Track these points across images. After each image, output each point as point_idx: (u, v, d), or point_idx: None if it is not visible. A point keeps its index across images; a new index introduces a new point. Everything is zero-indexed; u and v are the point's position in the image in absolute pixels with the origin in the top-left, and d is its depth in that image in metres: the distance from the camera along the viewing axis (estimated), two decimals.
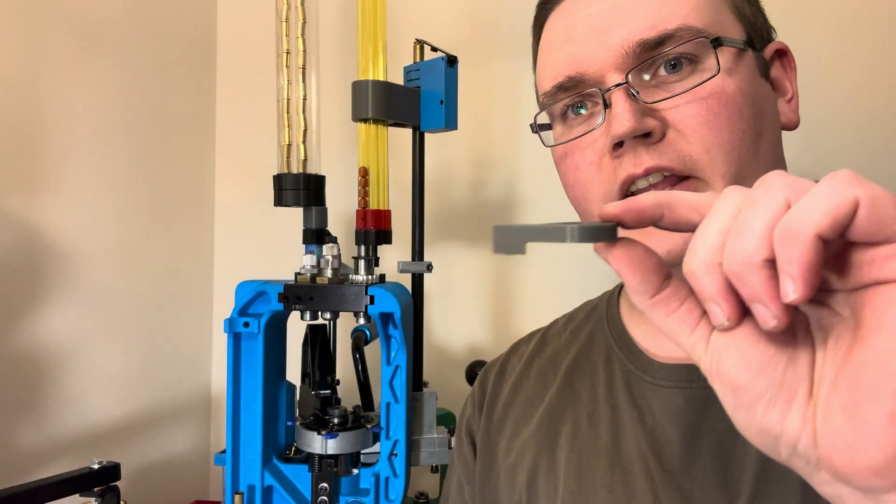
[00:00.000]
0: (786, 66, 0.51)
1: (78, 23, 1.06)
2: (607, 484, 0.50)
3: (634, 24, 0.46)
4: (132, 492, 1.08)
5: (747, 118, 0.45)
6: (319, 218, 0.88)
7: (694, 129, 0.44)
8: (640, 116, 0.44)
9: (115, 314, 1.12)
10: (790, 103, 0.51)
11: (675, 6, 0.46)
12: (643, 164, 0.45)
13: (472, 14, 1.21)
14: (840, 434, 0.25)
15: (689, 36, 0.45)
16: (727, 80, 0.45)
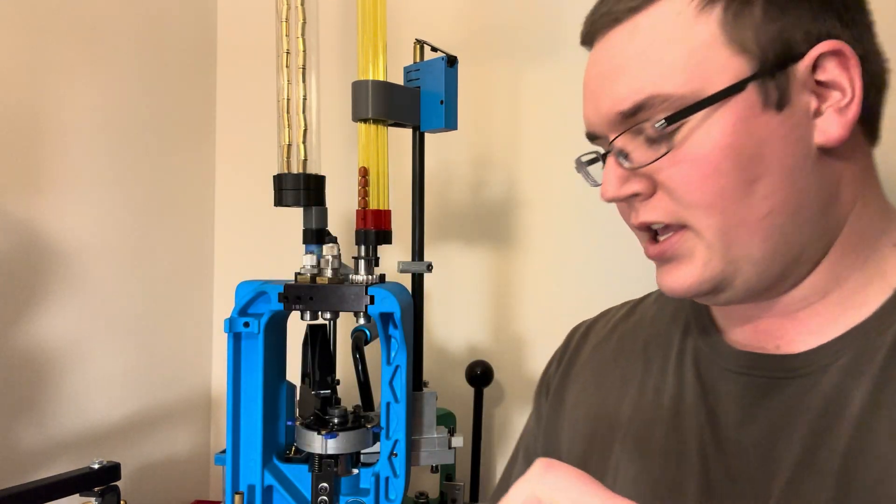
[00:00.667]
0: (844, 66, 0.47)
1: (78, 23, 1.06)
2: (662, 449, 0.54)
3: (614, 95, 0.49)
4: (132, 492, 1.08)
5: (726, 173, 0.46)
6: (319, 218, 0.88)
7: (673, 189, 0.48)
8: (621, 184, 0.49)
9: (115, 314, 1.12)
10: (843, 112, 0.47)
11: (647, 73, 0.47)
12: (638, 218, 0.50)
13: (472, 14, 1.21)
14: None
15: (660, 103, 0.47)
16: (701, 137, 0.46)
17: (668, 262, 0.50)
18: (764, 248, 0.47)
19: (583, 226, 1.16)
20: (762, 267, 0.48)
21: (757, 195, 0.46)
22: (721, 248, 0.47)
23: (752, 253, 0.47)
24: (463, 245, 1.23)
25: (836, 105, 0.47)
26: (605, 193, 0.50)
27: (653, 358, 0.60)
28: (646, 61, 0.47)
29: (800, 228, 0.48)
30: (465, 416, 1.14)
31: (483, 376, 1.11)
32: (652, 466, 0.54)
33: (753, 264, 0.47)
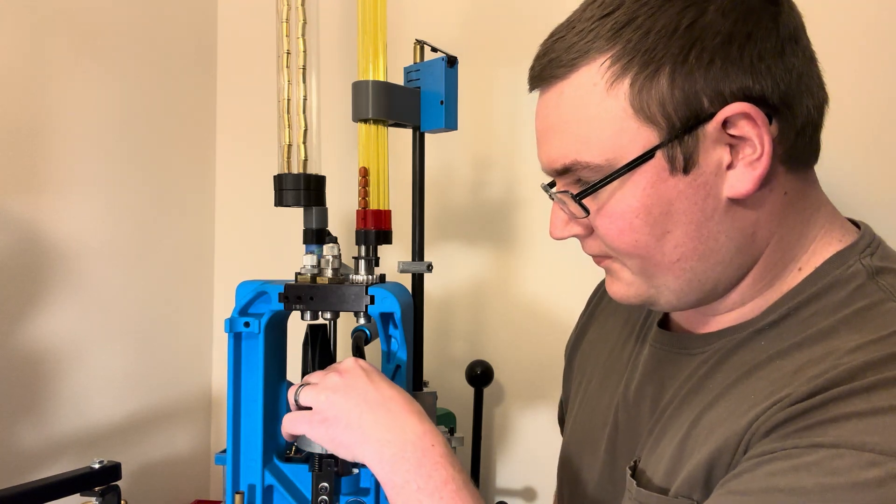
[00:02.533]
0: (755, 124, 0.49)
1: (79, 24, 1.06)
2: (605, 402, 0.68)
3: (548, 153, 0.56)
4: (133, 491, 1.08)
5: (638, 229, 0.52)
6: (320, 218, 0.88)
7: (602, 236, 0.56)
8: (563, 226, 0.59)
9: (115, 314, 1.12)
10: (752, 165, 0.50)
11: (568, 144, 0.54)
12: (587, 249, 0.60)
13: (472, 14, 1.21)
14: None
15: (582, 168, 0.53)
16: (618, 199, 0.52)
17: (608, 274, 0.60)
18: (678, 283, 0.55)
19: None
20: (679, 295, 0.56)
21: (668, 245, 0.53)
22: (642, 279, 0.56)
23: (668, 285, 0.55)
24: (463, 245, 1.23)
25: (748, 159, 0.50)
26: (552, 234, 0.59)
27: (630, 319, 0.72)
28: (569, 131, 0.54)
29: (712, 268, 0.54)
30: (465, 416, 1.14)
31: (483, 376, 1.11)
32: (593, 415, 0.70)
33: (671, 292, 0.55)
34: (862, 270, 0.52)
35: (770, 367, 0.51)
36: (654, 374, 0.62)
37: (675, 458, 0.53)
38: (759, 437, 0.47)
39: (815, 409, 0.44)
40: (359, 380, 0.65)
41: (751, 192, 0.51)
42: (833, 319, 0.50)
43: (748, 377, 0.52)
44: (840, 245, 0.54)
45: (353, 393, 0.64)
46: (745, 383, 0.52)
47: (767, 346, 0.53)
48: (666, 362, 0.62)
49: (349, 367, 0.68)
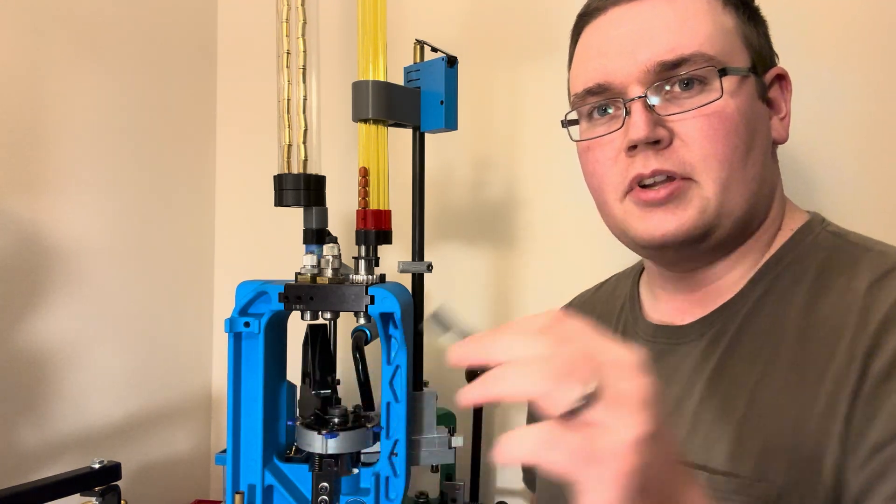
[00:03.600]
0: (783, 89, 0.61)
1: (78, 23, 1.06)
2: None
3: (657, 46, 0.56)
4: (133, 491, 1.08)
5: (741, 134, 0.55)
6: (320, 218, 0.88)
7: (696, 139, 0.54)
8: (653, 126, 0.55)
9: (115, 314, 1.12)
10: (783, 121, 0.61)
11: (692, 35, 0.55)
12: (651, 166, 0.56)
13: (472, 14, 1.21)
14: None
15: (702, 62, 0.55)
16: (728, 102, 0.55)
17: (664, 205, 0.56)
18: (744, 206, 0.56)
19: (583, 225, 1.16)
20: (736, 223, 0.56)
21: (750, 161, 0.56)
22: (716, 201, 0.55)
23: (734, 210, 0.56)
24: (463, 245, 1.23)
25: (777, 117, 0.61)
26: (639, 132, 0.54)
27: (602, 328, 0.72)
28: (689, 27, 0.55)
29: (761, 197, 0.58)
30: (465, 416, 1.14)
31: None
32: None
33: (733, 220, 0.56)
34: (833, 237, 0.59)
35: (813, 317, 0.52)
36: (654, 370, 0.62)
37: (737, 440, 0.52)
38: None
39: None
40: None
41: (785, 140, 0.60)
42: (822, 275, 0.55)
43: (788, 338, 0.53)
44: (801, 214, 0.62)
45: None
46: (792, 344, 0.52)
47: (778, 307, 0.55)
48: (666, 355, 0.62)
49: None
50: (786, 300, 0.55)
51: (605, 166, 0.60)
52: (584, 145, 0.63)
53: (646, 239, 0.57)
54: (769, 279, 0.58)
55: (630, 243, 0.62)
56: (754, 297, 0.58)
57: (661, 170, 0.55)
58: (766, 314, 0.56)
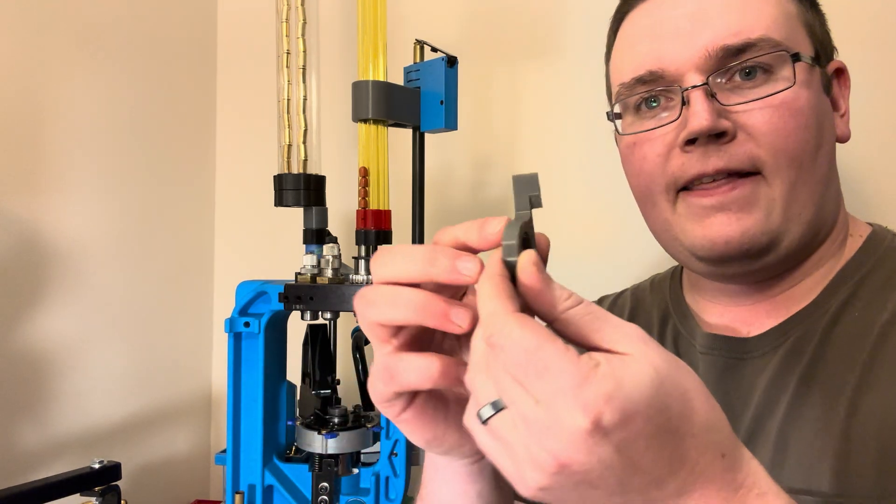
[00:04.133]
0: (842, 84, 0.56)
1: (78, 23, 1.06)
2: None
3: (719, 28, 0.49)
4: (133, 491, 1.08)
5: (811, 129, 0.49)
6: (320, 218, 0.88)
7: (764, 133, 0.48)
8: (717, 117, 0.48)
9: (115, 314, 1.12)
10: (843, 118, 0.55)
11: (758, 17, 0.50)
12: (713, 164, 0.49)
13: (472, 14, 1.21)
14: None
15: (769, 47, 0.49)
16: (800, 92, 0.49)
17: (727, 208, 0.49)
18: (813, 210, 0.50)
19: (583, 226, 1.16)
20: (805, 228, 0.50)
21: (819, 159, 0.50)
22: (784, 203, 0.49)
23: (804, 213, 0.50)
24: None
25: (837, 115, 0.55)
26: (701, 122, 0.48)
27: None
28: (753, 8, 0.50)
29: (828, 200, 0.52)
30: None
31: None
32: None
33: (801, 225, 0.50)
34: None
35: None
36: (719, 386, 0.54)
37: (843, 456, 0.46)
38: None
39: None
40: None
41: (848, 138, 0.54)
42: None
43: (889, 341, 0.47)
44: (862, 222, 0.57)
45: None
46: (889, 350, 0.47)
47: (867, 312, 0.49)
48: (732, 370, 0.54)
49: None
50: (876, 305, 0.50)
51: (654, 164, 0.53)
52: (630, 140, 0.55)
53: (706, 247, 0.50)
54: (851, 285, 0.52)
55: (682, 252, 0.54)
56: (836, 303, 0.51)
57: (725, 168, 0.49)
58: (853, 320, 0.50)
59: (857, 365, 0.47)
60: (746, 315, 0.55)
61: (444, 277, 0.33)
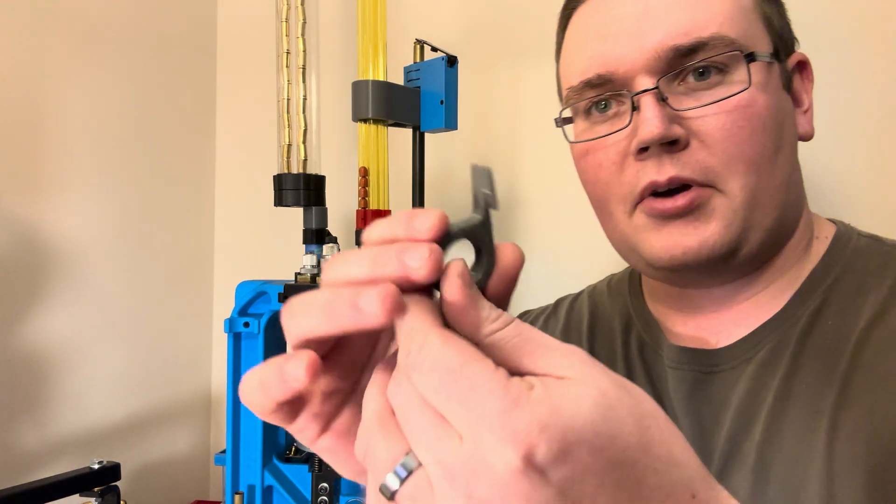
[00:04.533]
0: (805, 78, 0.52)
1: (78, 23, 1.06)
2: None
3: (668, 28, 0.46)
4: (132, 492, 1.08)
5: (769, 132, 0.46)
6: (319, 218, 0.88)
7: (718, 140, 0.45)
8: (668, 123, 0.45)
9: (115, 314, 1.12)
10: (806, 115, 0.52)
11: (710, 14, 0.46)
12: (666, 173, 0.46)
13: (472, 14, 1.21)
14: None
15: (723, 46, 0.46)
16: (756, 94, 0.46)
17: (683, 216, 0.47)
18: (773, 217, 0.47)
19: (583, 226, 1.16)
20: (765, 236, 0.48)
21: (778, 163, 0.47)
22: (744, 212, 0.46)
23: (764, 221, 0.47)
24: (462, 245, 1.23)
25: (800, 111, 0.51)
26: (652, 131, 0.45)
27: (599, 352, 0.59)
28: (704, 4, 0.46)
29: (790, 205, 0.49)
30: None
31: None
32: None
33: (762, 232, 0.47)
34: (874, 242, 0.52)
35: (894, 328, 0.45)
36: (689, 404, 0.51)
37: (828, 480, 0.43)
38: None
39: None
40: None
41: (811, 136, 0.51)
42: (889, 283, 0.48)
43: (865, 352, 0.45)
44: (826, 221, 0.55)
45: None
46: (872, 357, 0.44)
47: (842, 320, 0.47)
48: (702, 385, 0.51)
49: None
50: (850, 313, 0.47)
51: (609, 172, 0.50)
52: (583, 148, 0.52)
53: (663, 258, 0.48)
54: (821, 291, 0.49)
55: (640, 263, 0.51)
56: (807, 311, 0.49)
57: (680, 177, 0.46)
58: (827, 329, 0.48)
59: (836, 379, 0.45)
60: (713, 324, 0.52)
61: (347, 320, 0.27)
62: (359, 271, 0.27)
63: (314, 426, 0.30)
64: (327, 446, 0.31)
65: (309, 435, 0.31)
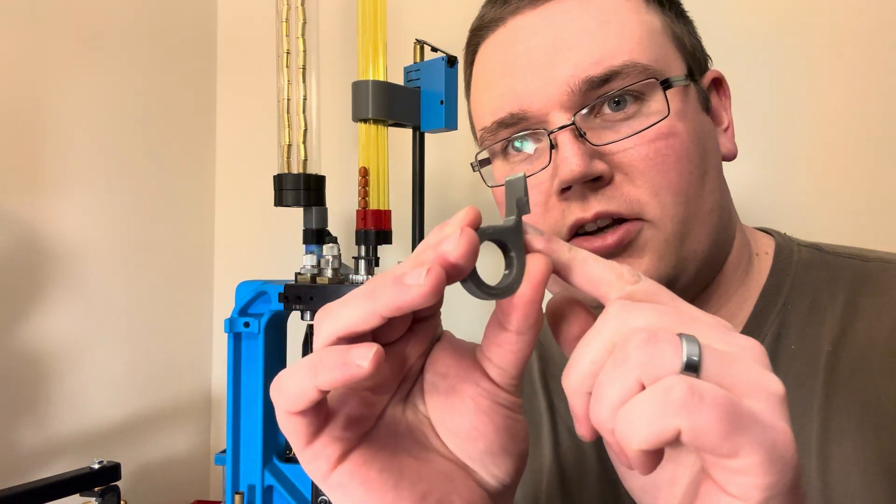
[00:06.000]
0: (721, 95, 0.51)
1: (78, 23, 1.06)
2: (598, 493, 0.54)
3: (579, 60, 0.44)
4: (132, 492, 1.08)
5: (693, 158, 0.45)
6: (319, 218, 0.88)
7: (642, 172, 0.44)
8: (589, 161, 0.43)
9: (115, 314, 1.12)
10: (727, 133, 0.50)
11: (619, 41, 0.44)
12: (592, 209, 0.44)
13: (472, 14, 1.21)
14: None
15: (637, 74, 0.44)
16: (675, 122, 0.44)
17: (615, 256, 0.45)
18: (707, 243, 0.46)
19: None
20: (702, 265, 0.46)
21: (706, 188, 0.46)
22: (676, 242, 0.44)
23: (698, 249, 0.45)
24: None
25: (720, 130, 0.50)
26: (573, 170, 0.42)
27: (555, 393, 0.57)
28: (613, 31, 0.44)
29: (723, 229, 0.48)
30: None
31: None
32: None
33: (697, 262, 0.46)
34: (816, 252, 0.50)
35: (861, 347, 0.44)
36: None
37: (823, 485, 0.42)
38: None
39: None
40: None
41: (734, 155, 0.50)
42: (843, 297, 0.47)
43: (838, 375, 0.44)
44: (762, 234, 0.53)
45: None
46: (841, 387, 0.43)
47: (804, 343, 0.46)
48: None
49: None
50: (812, 334, 0.46)
51: (535, 214, 0.48)
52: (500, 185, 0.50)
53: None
54: (776, 314, 0.48)
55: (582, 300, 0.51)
56: (767, 338, 0.47)
57: (606, 212, 0.43)
58: (791, 354, 0.47)
59: (813, 410, 0.43)
60: None
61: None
62: (401, 268, 0.27)
63: (333, 450, 0.28)
64: (340, 482, 0.29)
65: (325, 463, 0.28)
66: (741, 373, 0.25)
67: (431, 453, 0.30)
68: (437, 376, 0.31)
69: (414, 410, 0.31)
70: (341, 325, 0.27)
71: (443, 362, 0.31)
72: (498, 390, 0.30)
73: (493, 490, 0.31)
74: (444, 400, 0.31)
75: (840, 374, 0.44)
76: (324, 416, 0.28)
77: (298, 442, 0.28)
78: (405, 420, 0.31)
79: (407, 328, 0.31)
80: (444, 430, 0.31)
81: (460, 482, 0.30)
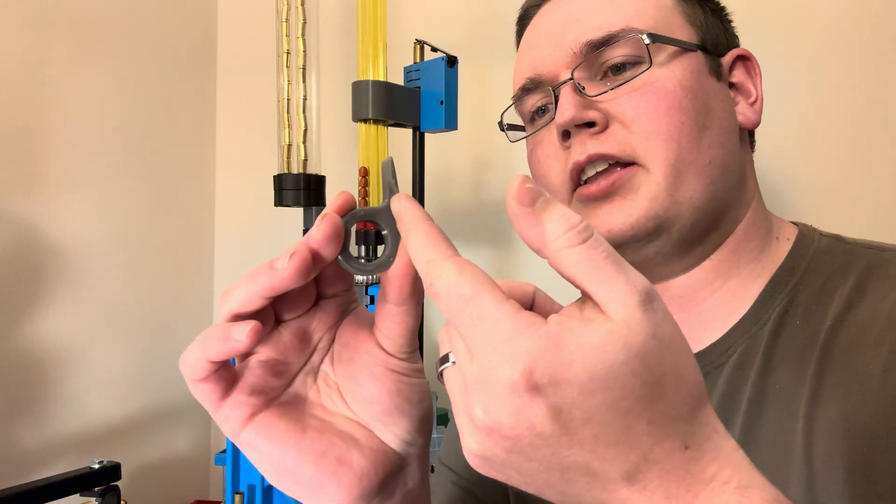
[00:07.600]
0: (750, 71, 0.56)
1: (78, 23, 1.06)
2: None
3: (583, 27, 0.51)
4: (132, 491, 1.08)
5: (686, 110, 0.49)
6: None
7: (633, 118, 0.48)
8: (581, 108, 0.49)
9: (115, 314, 1.12)
10: (753, 105, 0.55)
11: (621, 11, 0.51)
12: (587, 151, 0.49)
13: (472, 14, 1.21)
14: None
15: (625, 41, 0.50)
16: (665, 73, 0.49)
17: (611, 197, 0.49)
18: (704, 194, 0.49)
19: None
20: (699, 214, 0.49)
21: (704, 142, 0.49)
22: (668, 186, 0.48)
23: (694, 197, 0.48)
24: (463, 245, 1.23)
25: (746, 103, 0.54)
26: (565, 114, 0.49)
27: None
28: (617, 5, 0.51)
29: (726, 188, 0.51)
30: None
31: None
32: None
33: (693, 210, 0.48)
34: (836, 242, 0.52)
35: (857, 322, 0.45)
36: None
37: (807, 479, 0.43)
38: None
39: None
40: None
41: (756, 124, 0.54)
42: (853, 280, 0.48)
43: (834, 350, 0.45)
44: (789, 224, 0.55)
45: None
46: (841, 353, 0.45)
47: (810, 321, 0.47)
48: None
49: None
50: (817, 313, 0.48)
51: (547, 165, 0.53)
52: (529, 147, 0.56)
53: (604, 234, 0.48)
54: (786, 293, 0.50)
55: None
56: (774, 314, 0.49)
57: (600, 153, 0.48)
58: (794, 329, 0.48)
59: (807, 378, 0.45)
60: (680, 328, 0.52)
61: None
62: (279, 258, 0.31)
63: (242, 412, 0.33)
64: (250, 440, 0.33)
65: (234, 423, 0.33)
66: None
67: (337, 416, 0.34)
68: (342, 346, 0.35)
69: (325, 377, 0.35)
70: (234, 305, 0.31)
71: (346, 334, 0.35)
72: (389, 357, 0.33)
73: (398, 447, 0.34)
74: (346, 368, 0.34)
75: (837, 346, 0.45)
76: (227, 382, 0.34)
77: (209, 405, 0.34)
78: (315, 386, 0.35)
79: (311, 305, 0.34)
80: (347, 394, 0.35)
81: (363, 441, 0.34)
